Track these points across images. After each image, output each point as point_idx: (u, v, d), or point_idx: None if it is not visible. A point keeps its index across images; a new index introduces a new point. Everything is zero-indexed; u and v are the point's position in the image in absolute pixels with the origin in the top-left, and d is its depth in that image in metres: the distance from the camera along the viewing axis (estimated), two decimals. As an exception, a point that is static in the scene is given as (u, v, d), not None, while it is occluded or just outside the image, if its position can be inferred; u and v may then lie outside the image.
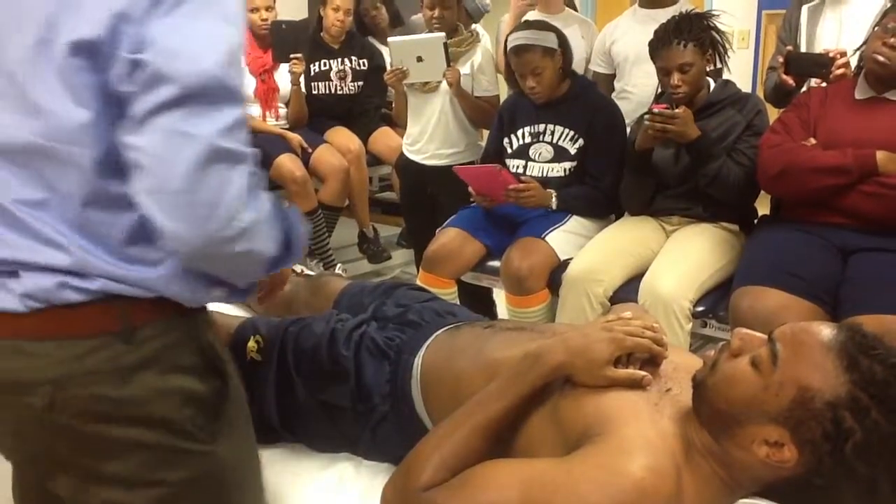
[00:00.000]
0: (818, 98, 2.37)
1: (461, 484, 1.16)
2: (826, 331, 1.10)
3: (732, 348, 1.16)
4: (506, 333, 1.44)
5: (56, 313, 1.04)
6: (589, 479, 1.08)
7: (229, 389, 1.20)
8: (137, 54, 0.96)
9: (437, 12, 3.25)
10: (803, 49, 2.61)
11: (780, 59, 2.51)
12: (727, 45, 2.59)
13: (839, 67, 2.38)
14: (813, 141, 2.28)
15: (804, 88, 2.55)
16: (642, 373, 1.23)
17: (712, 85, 2.59)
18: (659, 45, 2.51)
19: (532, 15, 3.43)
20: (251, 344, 1.58)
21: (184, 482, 1.13)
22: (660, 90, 2.68)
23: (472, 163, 3.20)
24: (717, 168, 2.45)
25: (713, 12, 2.63)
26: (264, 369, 1.57)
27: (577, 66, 3.31)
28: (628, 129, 2.83)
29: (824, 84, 2.44)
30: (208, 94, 0.97)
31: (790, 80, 2.49)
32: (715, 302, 2.41)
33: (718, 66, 2.60)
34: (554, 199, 2.78)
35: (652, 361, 1.28)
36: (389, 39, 3.33)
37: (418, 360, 1.44)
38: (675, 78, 2.48)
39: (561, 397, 1.25)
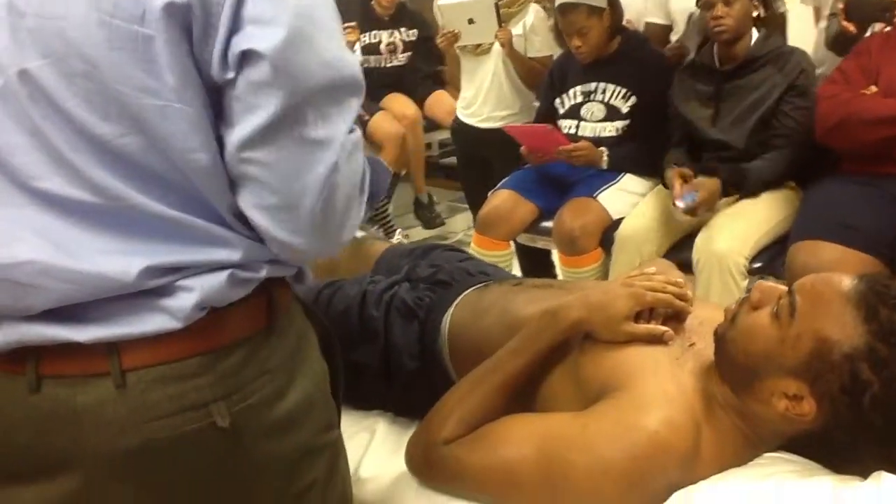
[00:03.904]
0: (879, 44, 2.27)
1: (480, 438, 1.19)
2: (846, 281, 1.07)
3: (752, 301, 1.14)
4: (532, 291, 1.44)
5: (212, 320, 0.87)
6: (604, 434, 1.09)
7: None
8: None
9: None
10: None
11: (840, 6, 2.41)
12: None
13: (904, 10, 2.27)
14: (874, 89, 2.19)
15: (868, 34, 2.44)
16: (663, 328, 1.22)
17: (754, 37, 2.49)
18: None
19: None
20: None
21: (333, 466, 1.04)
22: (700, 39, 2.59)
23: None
24: (758, 179, 2.43)
25: None
26: None
27: (638, 22, 3.24)
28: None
29: (888, 29, 2.33)
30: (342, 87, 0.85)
31: (851, 27, 2.39)
32: (772, 258, 2.37)
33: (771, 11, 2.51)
34: (605, 158, 2.74)
35: (676, 317, 1.27)
36: (440, 3, 3.31)
37: (446, 319, 1.45)
38: (719, 8, 2.38)
39: (580, 353, 1.25)
